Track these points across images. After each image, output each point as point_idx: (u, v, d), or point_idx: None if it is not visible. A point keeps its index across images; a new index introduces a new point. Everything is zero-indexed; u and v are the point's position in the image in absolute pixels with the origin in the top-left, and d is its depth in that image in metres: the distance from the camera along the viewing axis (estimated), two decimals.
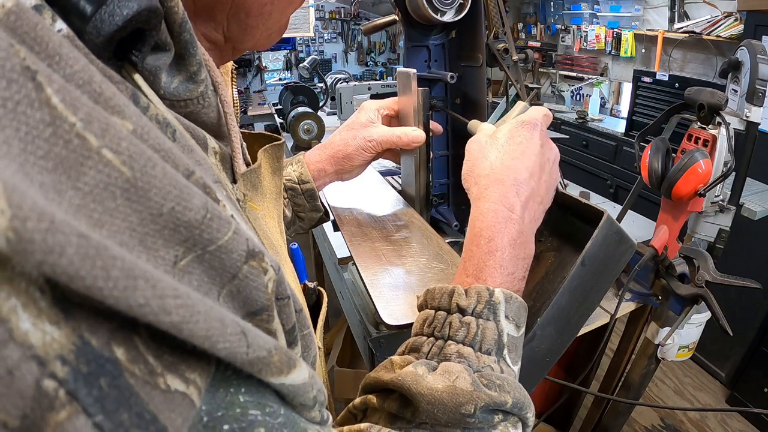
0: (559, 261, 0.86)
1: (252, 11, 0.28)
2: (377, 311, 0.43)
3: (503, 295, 0.34)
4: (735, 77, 0.91)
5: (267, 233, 0.31)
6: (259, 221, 0.30)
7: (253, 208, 0.30)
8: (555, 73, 4.08)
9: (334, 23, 6.42)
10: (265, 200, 0.33)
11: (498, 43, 0.79)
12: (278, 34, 0.34)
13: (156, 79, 0.22)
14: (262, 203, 0.32)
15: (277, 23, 0.31)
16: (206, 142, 0.26)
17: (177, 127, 0.22)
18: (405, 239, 0.61)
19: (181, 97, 0.24)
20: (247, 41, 0.31)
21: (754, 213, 1.30)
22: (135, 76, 0.21)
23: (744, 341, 1.91)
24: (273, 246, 0.31)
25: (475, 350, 0.31)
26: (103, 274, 0.12)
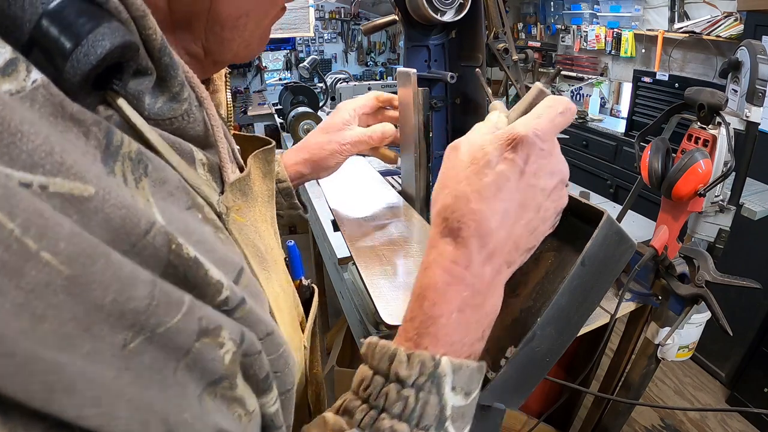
0: (559, 261, 0.86)
1: (227, 24, 0.29)
2: (377, 311, 0.43)
3: (450, 366, 0.29)
4: (735, 77, 0.91)
5: (254, 241, 0.31)
6: (245, 230, 0.30)
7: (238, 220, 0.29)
8: None
9: (334, 23, 6.42)
10: (257, 204, 0.33)
11: (498, 43, 0.79)
12: (258, 45, 0.33)
13: (140, 102, 0.23)
14: (252, 208, 0.32)
15: (255, 35, 0.31)
16: (193, 155, 0.27)
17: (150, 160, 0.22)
18: (405, 239, 0.61)
19: (166, 116, 0.25)
20: (225, 53, 0.31)
21: (754, 213, 1.30)
22: (119, 101, 0.22)
23: (744, 341, 1.91)
24: (260, 254, 0.31)
25: (411, 426, 0.28)
26: (22, 388, 0.14)
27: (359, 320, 0.91)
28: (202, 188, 0.26)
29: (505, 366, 0.67)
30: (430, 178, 0.77)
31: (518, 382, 0.71)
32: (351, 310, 1.00)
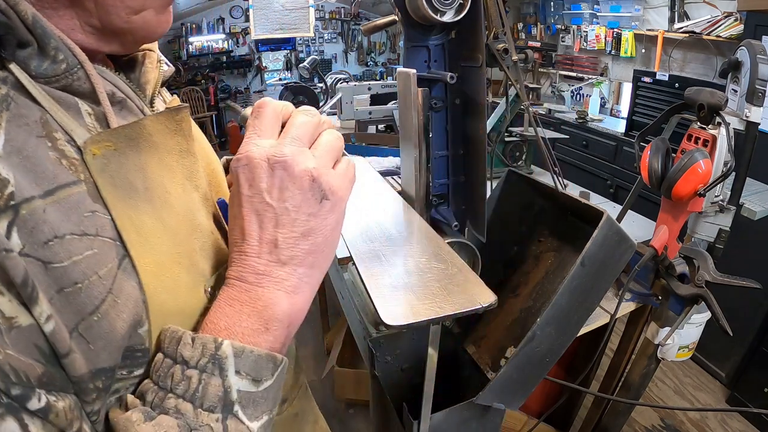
0: (559, 261, 0.86)
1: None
2: (377, 311, 0.43)
3: (232, 349, 0.31)
4: (735, 77, 0.91)
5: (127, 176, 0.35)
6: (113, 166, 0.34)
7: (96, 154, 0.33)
8: (555, 73, 4.08)
9: (334, 23, 6.42)
10: (156, 153, 0.38)
11: (498, 43, 0.79)
12: (157, 15, 0.38)
13: (27, 66, 0.31)
14: (146, 154, 0.37)
15: (137, 1, 0.36)
16: (78, 106, 0.34)
17: (15, 101, 0.30)
18: (405, 239, 0.61)
19: (50, 75, 0.32)
20: (116, 22, 0.35)
21: (754, 213, 1.30)
22: (11, 65, 0.31)
23: (744, 341, 1.91)
24: (132, 188, 0.35)
25: (195, 406, 0.30)
26: None
27: (359, 320, 0.92)
28: (72, 128, 0.32)
29: (505, 366, 0.67)
30: (430, 179, 0.77)
31: (518, 382, 0.71)
32: (351, 310, 1.00)
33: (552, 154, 0.87)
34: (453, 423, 0.69)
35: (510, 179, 0.93)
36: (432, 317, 0.43)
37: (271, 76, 6.33)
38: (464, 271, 0.50)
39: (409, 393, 0.85)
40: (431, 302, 0.44)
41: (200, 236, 0.40)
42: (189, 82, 5.83)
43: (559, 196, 0.84)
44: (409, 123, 0.71)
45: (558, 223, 0.87)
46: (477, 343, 0.87)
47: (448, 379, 0.89)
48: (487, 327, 0.88)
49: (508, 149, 1.75)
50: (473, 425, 0.71)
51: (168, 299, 0.35)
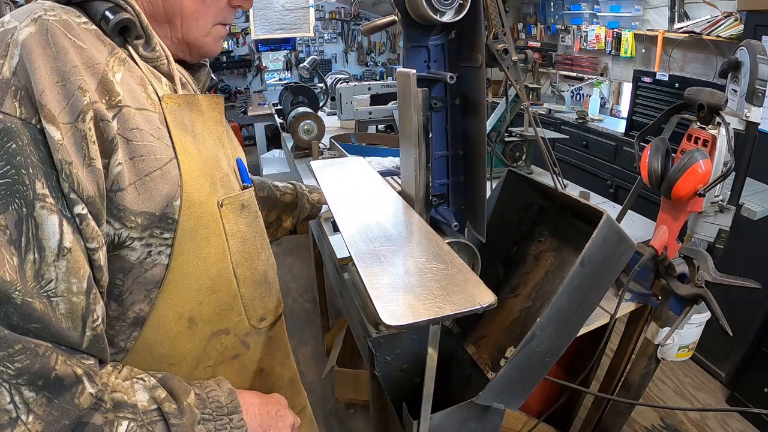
0: (558, 261, 0.86)
1: (189, 16, 0.56)
2: (377, 311, 0.43)
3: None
4: (735, 77, 0.91)
5: (182, 118, 0.54)
6: (177, 110, 0.54)
7: (169, 102, 0.53)
8: (555, 73, 4.08)
9: (334, 23, 6.42)
10: (201, 116, 0.58)
11: (498, 43, 0.79)
12: (214, 38, 0.60)
13: (138, 50, 0.53)
14: (195, 114, 0.57)
15: (206, 26, 0.58)
16: (161, 78, 0.55)
17: (128, 63, 0.51)
18: (405, 239, 0.61)
19: (149, 58, 0.54)
20: (190, 37, 0.57)
21: (754, 213, 1.30)
22: (129, 47, 0.52)
23: (744, 341, 1.91)
24: (185, 126, 0.54)
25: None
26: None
27: (359, 320, 0.92)
28: (156, 86, 0.53)
29: (505, 366, 0.67)
30: (429, 179, 0.77)
31: (518, 382, 0.71)
32: (351, 310, 1.00)
33: (552, 154, 0.87)
34: (453, 423, 0.69)
35: (510, 179, 0.93)
36: (432, 317, 0.43)
37: (271, 76, 6.32)
38: (464, 271, 0.50)
39: (409, 393, 0.85)
40: (431, 302, 0.44)
41: (219, 171, 0.58)
42: None
43: (559, 196, 0.84)
44: (409, 123, 0.71)
45: (558, 223, 0.87)
46: (477, 343, 0.87)
47: (448, 379, 0.89)
48: (487, 327, 0.88)
49: (508, 149, 1.75)
50: (473, 425, 0.71)
51: (194, 193, 0.52)
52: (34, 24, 0.43)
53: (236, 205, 0.59)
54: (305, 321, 2.59)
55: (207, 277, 0.55)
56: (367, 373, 1.04)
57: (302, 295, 2.85)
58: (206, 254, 0.55)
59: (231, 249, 0.58)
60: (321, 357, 2.28)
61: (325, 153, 1.98)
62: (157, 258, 0.51)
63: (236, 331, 0.62)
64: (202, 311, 0.56)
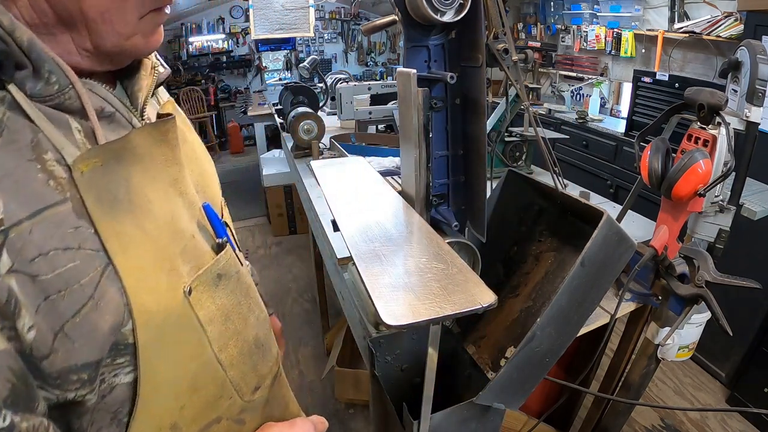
0: (559, 261, 0.86)
1: (96, 20, 0.38)
2: (377, 311, 0.43)
3: None
4: (735, 77, 0.91)
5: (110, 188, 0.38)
6: (98, 179, 0.37)
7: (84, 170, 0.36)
8: (555, 73, 4.08)
9: (334, 23, 6.42)
10: (142, 163, 0.42)
11: (498, 43, 0.79)
12: (144, 38, 0.42)
13: (24, 86, 0.34)
14: (131, 166, 0.41)
15: (128, 27, 0.40)
16: (69, 123, 0.37)
17: (8, 125, 0.33)
18: (405, 239, 0.61)
19: (44, 95, 0.35)
20: (107, 45, 0.40)
21: (754, 213, 1.30)
22: (9, 86, 0.34)
23: (744, 341, 1.91)
24: (116, 199, 0.39)
25: None
26: None
27: (359, 320, 0.92)
28: (62, 146, 0.36)
29: (505, 366, 0.67)
30: (430, 178, 0.77)
31: (518, 382, 0.71)
32: (351, 310, 1.00)
33: (552, 154, 0.87)
34: (453, 423, 0.69)
35: (510, 179, 0.93)
36: (432, 317, 0.43)
37: (271, 76, 6.33)
38: (464, 271, 0.50)
39: (409, 393, 0.85)
40: (431, 302, 0.44)
41: (181, 240, 0.44)
42: (189, 82, 5.84)
43: (559, 196, 0.84)
44: (409, 123, 0.71)
45: (558, 223, 0.87)
46: (477, 343, 0.87)
47: (449, 379, 0.89)
48: (487, 327, 0.88)
49: (508, 149, 1.75)
50: (473, 425, 0.71)
51: (149, 300, 0.39)
52: None
53: (210, 280, 0.46)
54: (305, 321, 2.59)
55: (185, 380, 0.45)
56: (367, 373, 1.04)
57: (302, 295, 2.85)
58: (179, 357, 0.43)
59: (210, 337, 0.47)
60: (321, 357, 2.28)
61: (325, 153, 1.98)
62: (115, 380, 0.39)
63: (229, 415, 0.52)
64: (184, 415, 0.46)
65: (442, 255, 0.54)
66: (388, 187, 0.83)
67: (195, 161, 0.53)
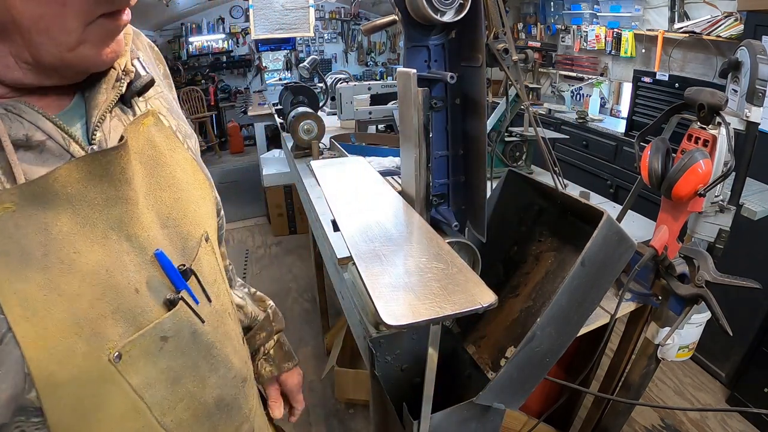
0: (559, 261, 0.86)
1: (31, 29, 0.32)
2: (377, 311, 0.43)
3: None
4: (735, 77, 0.91)
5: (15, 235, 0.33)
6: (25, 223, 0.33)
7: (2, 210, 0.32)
8: (555, 73, 4.08)
9: (334, 23, 6.42)
10: (71, 205, 0.36)
11: (498, 43, 0.79)
12: (92, 48, 0.36)
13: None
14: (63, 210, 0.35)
15: (71, 37, 0.34)
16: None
17: None
18: (405, 239, 0.61)
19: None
20: (47, 57, 0.34)
21: (754, 213, 1.30)
22: None
23: (744, 341, 1.91)
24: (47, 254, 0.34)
25: None
26: None
27: (359, 320, 0.91)
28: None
29: (505, 366, 0.67)
30: (430, 179, 0.77)
31: (518, 382, 0.71)
32: (351, 310, 1.00)
33: (552, 154, 0.87)
34: (453, 423, 0.69)
35: (510, 179, 0.93)
36: (432, 317, 0.43)
37: (271, 76, 6.33)
38: (464, 271, 0.50)
39: (409, 393, 0.85)
40: (431, 302, 0.44)
41: (115, 298, 0.38)
42: (189, 82, 5.84)
43: (559, 196, 0.84)
44: (409, 123, 0.71)
45: (558, 223, 0.87)
46: (477, 343, 0.87)
47: (448, 379, 0.89)
48: (487, 327, 0.88)
49: (508, 149, 1.75)
50: (473, 425, 0.71)
51: (57, 369, 0.34)
52: None
53: (149, 344, 0.41)
54: (305, 321, 2.59)
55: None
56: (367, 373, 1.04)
57: (302, 295, 2.85)
58: (107, 422, 0.39)
59: (150, 402, 0.42)
60: (321, 357, 2.28)
61: (325, 153, 1.98)
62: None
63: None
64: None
65: (442, 255, 0.54)
66: (388, 187, 0.83)
67: (169, 188, 0.46)
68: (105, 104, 0.40)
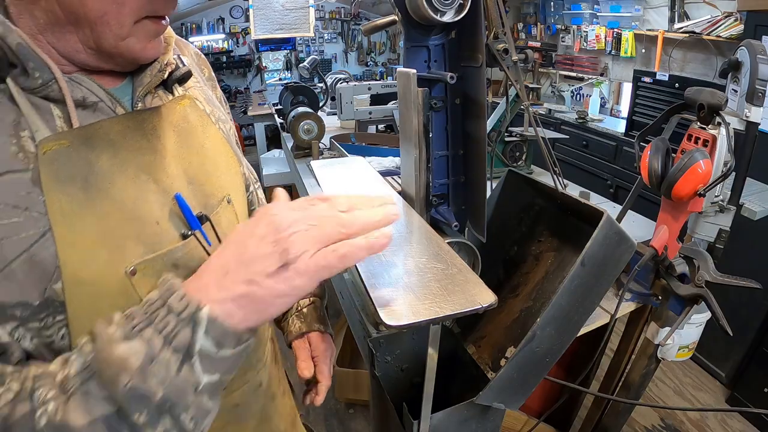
0: (559, 261, 0.86)
1: (96, 21, 0.43)
2: (377, 311, 0.43)
3: (208, 316, 0.37)
4: (735, 77, 0.91)
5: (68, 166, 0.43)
6: (62, 158, 0.43)
7: (47, 150, 0.42)
8: (555, 73, 4.08)
9: (334, 23, 6.42)
10: (111, 148, 0.46)
11: (498, 43, 0.79)
12: (139, 41, 0.46)
13: (17, 81, 0.41)
14: (103, 152, 0.46)
15: (123, 29, 0.44)
16: (51, 110, 0.43)
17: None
18: (405, 239, 0.61)
19: (31, 87, 0.42)
20: (106, 45, 0.45)
21: (754, 213, 1.30)
22: (7, 80, 0.41)
23: (744, 341, 1.91)
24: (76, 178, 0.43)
25: (164, 344, 0.36)
26: None
27: (359, 320, 0.92)
28: (38, 128, 0.42)
29: (505, 366, 0.67)
30: (430, 179, 0.77)
31: (518, 382, 0.71)
32: (351, 310, 1.00)
33: (552, 154, 0.87)
34: (453, 423, 0.69)
35: (510, 179, 0.93)
36: (432, 317, 0.43)
37: (271, 76, 6.32)
38: (464, 271, 0.50)
39: (409, 393, 0.85)
40: (431, 302, 0.44)
41: (138, 225, 0.47)
42: None
43: (559, 196, 0.84)
44: (409, 123, 0.71)
45: (558, 223, 0.87)
46: (477, 343, 0.87)
47: (448, 379, 0.89)
48: (487, 327, 0.88)
49: (508, 149, 1.75)
50: (473, 425, 0.71)
51: (81, 269, 0.43)
52: None
53: (161, 267, 0.48)
54: None
55: None
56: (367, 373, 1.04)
57: None
58: None
59: None
60: None
61: (325, 153, 1.98)
62: (58, 341, 0.44)
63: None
64: None
65: (442, 255, 0.54)
66: (388, 187, 0.83)
67: (197, 155, 0.56)
68: (148, 85, 0.51)
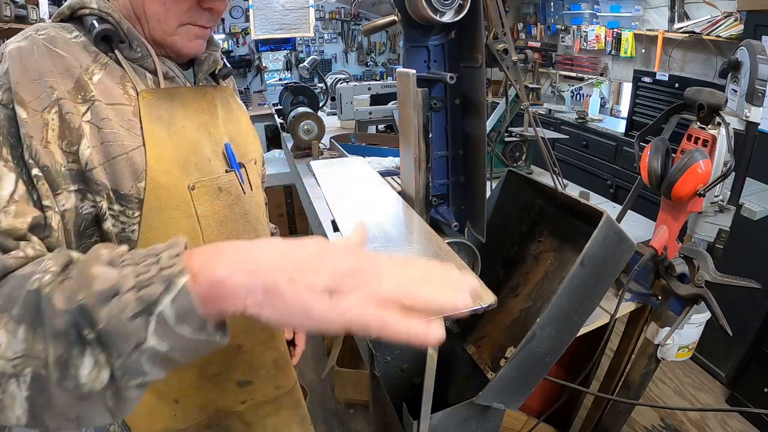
0: (558, 261, 0.86)
1: (151, 18, 0.60)
2: None
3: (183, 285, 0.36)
4: (735, 77, 0.91)
5: (157, 110, 0.62)
6: (154, 103, 0.62)
7: (146, 97, 0.61)
8: (555, 73, 4.08)
9: (334, 23, 6.42)
10: (182, 106, 0.65)
11: (497, 43, 0.79)
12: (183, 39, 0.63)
13: (123, 52, 0.60)
14: (175, 104, 0.64)
15: (170, 27, 0.61)
16: (146, 75, 0.63)
17: (110, 66, 0.59)
18: (405, 239, 0.61)
19: (133, 58, 0.62)
20: (157, 37, 0.62)
21: (754, 213, 1.30)
22: (116, 51, 0.60)
23: (744, 341, 1.91)
24: (161, 118, 0.62)
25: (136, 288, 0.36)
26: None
27: None
28: (137, 83, 0.61)
29: (505, 366, 0.67)
30: (429, 179, 0.77)
31: (518, 382, 0.71)
32: None
33: (552, 154, 0.87)
34: (453, 423, 0.69)
35: (510, 179, 0.93)
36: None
37: (271, 76, 6.32)
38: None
39: (409, 393, 0.85)
40: None
41: (197, 157, 0.65)
42: None
43: (559, 196, 0.84)
44: (409, 123, 0.71)
45: (558, 223, 0.87)
46: (477, 343, 0.87)
47: (448, 379, 0.89)
48: (487, 327, 0.88)
49: (508, 149, 1.75)
50: (473, 425, 0.71)
51: (160, 176, 0.60)
52: (24, 40, 0.55)
53: (211, 187, 0.66)
54: None
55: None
56: (367, 373, 1.04)
57: None
58: (174, 234, 0.52)
59: (204, 230, 0.66)
60: (321, 357, 2.28)
61: (325, 153, 1.98)
62: (131, 235, 0.59)
63: None
64: None
65: (442, 255, 0.54)
66: (388, 187, 0.83)
67: (235, 125, 0.75)
68: (204, 72, 0.71)
